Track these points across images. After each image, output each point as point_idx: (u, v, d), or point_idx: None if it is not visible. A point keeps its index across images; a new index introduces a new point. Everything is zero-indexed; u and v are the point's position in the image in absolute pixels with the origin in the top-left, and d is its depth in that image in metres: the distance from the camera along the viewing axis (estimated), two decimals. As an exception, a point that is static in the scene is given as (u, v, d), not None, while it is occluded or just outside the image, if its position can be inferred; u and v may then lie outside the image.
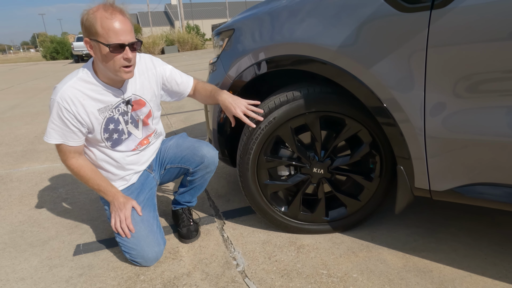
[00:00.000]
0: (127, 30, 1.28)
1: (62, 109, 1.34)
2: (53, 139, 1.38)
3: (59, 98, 1.33)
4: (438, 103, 1.13)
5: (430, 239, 1.54)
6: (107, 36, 1.25)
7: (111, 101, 1.43)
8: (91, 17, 1.25)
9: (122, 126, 1.48)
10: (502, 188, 1.14)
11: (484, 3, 0.99)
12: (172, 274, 1.42)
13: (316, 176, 1.53)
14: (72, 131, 1.38)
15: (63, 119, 1.35)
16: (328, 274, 1.36)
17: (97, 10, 1.25)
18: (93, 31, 1.26)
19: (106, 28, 1.24)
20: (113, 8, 1.27)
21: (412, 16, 1.09)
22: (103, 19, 1.24)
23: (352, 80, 1.26)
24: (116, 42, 1.26)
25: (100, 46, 1.27)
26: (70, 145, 1.41)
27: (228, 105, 1.47)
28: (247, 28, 1.55)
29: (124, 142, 1.52)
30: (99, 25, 1.24)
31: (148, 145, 1.59)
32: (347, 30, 1.23)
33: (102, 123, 1.43)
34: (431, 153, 1.20)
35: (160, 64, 1.58)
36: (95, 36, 1.27)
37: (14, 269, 1.51)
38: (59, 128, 1.37)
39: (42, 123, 4.46)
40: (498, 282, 1.26)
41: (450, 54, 1.06)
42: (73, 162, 1.45)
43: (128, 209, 1.49)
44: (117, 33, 1.25)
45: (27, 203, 2.17)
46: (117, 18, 1.26)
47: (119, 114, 1.46)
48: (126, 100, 1.46)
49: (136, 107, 1.50)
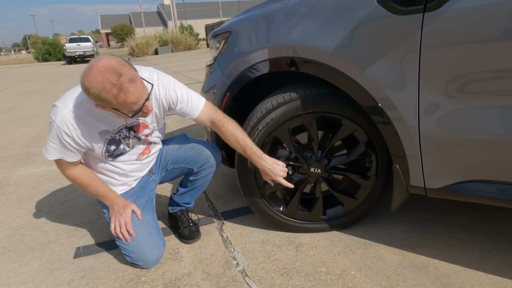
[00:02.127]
0: (139, 96, 1.22)
1: (62, 132, 1.31)
2: (51, 156, 1.38)
3: (59, 121, 1.30)
4: (431, 103, 1.16)
5: (425, 236, 1.57)
6: (125, 108, 1.23)
7: (112, 125, 1.40)
8: (104, 96, 1.17)
9: (123, 146, 1.48)
10: (494, 185, 1.17)
11: (474, 6, 1.02)
12: (173, 275, 1.44)
13: (313, 176, 1.56)
14: (71, 150, 1.38)
15: (62, 141, 1.34)
16: (327, 271, 1.39)
17: (111, 90, 1.16)
18: (108, 105, 1.22)
19: (122, 102, 1.19)
20: (125, 87, 1.17)
21: (406, 19, 1.12)
22: (118, 97, 1.17)
23: (348, 81, 1.28)
24: (135, 109, 1.24)
25: (117, 111, 1.26)
26: (68, 160, 1.41)
27: (268, 173, 1.45)
28: (244, 31, 1.57)
29: (126, 154, 1.52)
30: (115, 102, 1.19)
31: (149, 154, 1.60)
32: (342, 32, 1.25)
33: (104, 144, 1.42)
34: (426, 152, 1.23)
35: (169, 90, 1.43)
36: (111, 106, 1.22)
37: (15, 273, 1.52)
38: (58, 147, 1.36)
39: (37, 126, 4.44)
40: (492, 276, 1.30)
41: (443, 55, 1.09)
42: (70, 172, 1.45)
43: (128, 214, 1.50)
44: (134, 104, 1.22)
45: (25, 207, 2.17)
46: (130, 92, 1.18)
47: (121, 138, 1.45)
48: (129, 127, 1.45)
49: (138, 130, 1.48)
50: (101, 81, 1.15)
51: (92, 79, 1.15)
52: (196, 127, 3.86)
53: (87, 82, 1.16)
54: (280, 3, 1.45)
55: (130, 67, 1.21)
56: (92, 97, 1.20)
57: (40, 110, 5.59)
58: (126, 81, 1.17)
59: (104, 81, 1.15)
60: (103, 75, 1.14)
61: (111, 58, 1.19)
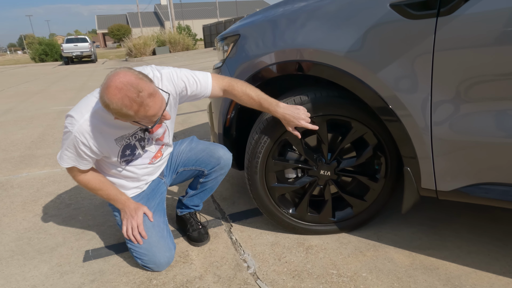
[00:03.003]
0: (159, 108, 1.23)
1: (79, 142, 1.32)
2: (66, 164, 1.39)
3: (76, 132, 1.30)
4: (444, 105, 1.17)
5: (434, 237, 1.59)
6: (145, 121, 1.25)
7: (128, 130, 1.41)
8: (124, 112, 1.18)
9: (138, 150, 1.48)
10: (505, 187, 1.18)
11: (488, 11, 1.03)
12: (184, 278, 1.44)
13: (323, 178, 1.57)
14: (86, 159, 1.38)
15: (78, 151, 1.34)
16: (338, 274, 1.40)
17: (132, 107, 1.17)
18: (129, 119, 1.24)
19: (143, 116, 1.22)
20: (146, 102, 1.18)
21: (419, 23, 1.13)
22: (139, 113, 1.19)
23: (360, 83, 1.29)
24: (154, 121, 1.26)
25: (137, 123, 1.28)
26: (82, 168, 1.41)
27: (290, 119, 1.40)
28: (253, 34, 1.58)
29: (139, 158, 1.52)
30: (136, 116, 1.21)
31: (161, 157, 1.60)
32: (354, 36, 1.26)
33: (119, 151, 1.42)
34: (438, 154, 1.24)
35: (176, 81, 1.43)
36: (132, 120, 1.24)
37: (24, 277, 1.51)
38: (73, 156, 1.36)
39: (37, 127, 4.42)
40: (502, 277, 1.31)
41: (456, 59, 1.10)
42: (81, 177, 1.45)
43: (140, 216, 1.50)
44: (154, 116, 1.24)
45: (31, 210, 2.16)
46: (150, 107, 1.20)
47: (136, 140, 1.46)
48: (144, 128, 1.45)
49: (153, 129, 1.47)
50: (120, 98, 1.15)
51: (111, 96, 1.15)
52: (197, 128, 3.86)
53: (107, 99, 1.17)
54: (292, 5, 1.45)
55: (147, 80, 1.21)
56: (112, 112, 1.21)
57: (40, 111, 5.57)
58: (146, 97, 1.17)
59: (123, 98, 1.15)
60: (122, 92, 1.15)
61: (128, 72, 1.18)
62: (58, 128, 4.33)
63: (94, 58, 22.70)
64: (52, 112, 5.42)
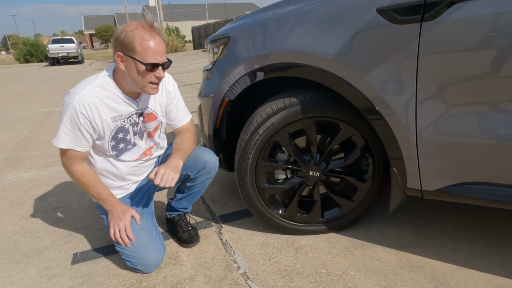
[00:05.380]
0: (163, 51, 1.33)
1: (78, 113, 1.34)
2: (63, 143, 1.38)
3: (76, 103, 1.33)
4: (428, 108, 1.21)
5: (420, 236, 1.62)
6: (145, 55, 1.29)
7: (125, 110, 1.44)
8: (130, 35, 1.27)
9: (130, 136, 1.50)
10: (486, 186, 1.22)
11: (467, 17, 1.07)
12: (174, 279, 1.44)
13: (312, 179, 1.59)
14: (84, 136, 1.39)
15: (77, 124, 1.36)
16: (327, 273, 1.42)
17: (136, 29, 1.28)
18: (130, 48, 1.29)
19: (145, 48, 1.28)
20: (152, 29, 1.30)
21: (404, 28, 1.16)
22: (143, 40, 1.28)
23: (347, 85, 1.32)
24: (152, 61, 1.30)
25: (135, 63, 1.30)
26: (79, 150, 1.41)
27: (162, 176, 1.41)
28: (243, 37, 1.59)
29: (129, 152, 1.53)
30: (138, 44, 1.28)
31: (150, 156, 1.61)
32: (341, 39, 1.29)
33: (112, 131, 1.44)
34: (423, 154, 1.27)
35: (175, 87, 1.61)
36: (131, 53, 1.29)
37: (11, 281, 1.49)
38: (70, 133, 1.37)
39: (23, 129, 4.34)
40: (485, 274, 1.36)
41: (439, 62, 1.14)
42: (77, 167, 1.45)
43: (128, 219, 1.49)
44: (154, 54, 1.30)
45: (17, 213, 2.12)
46: (156, 39, 1.30)
47: (130, 124, 1.48)
48: (139, 112, 1.49)
49: (147, 119, 1.53)
50: (136, 23, 1.30)
51: (128, 24, 1.30)
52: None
53: (121, 29, 1.30)
54: (282, 9, 1.48)
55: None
56: (118, 43, 1.30)
57: (25, 113, 5.47)
58: (156, 33, 1.32)
59: (138, 23, 1.30)
60: (139, 22, 1.31)
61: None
62: (45, 130, 4.27)
63: (81, 59, 22.40)
64: (38, 114, 5.33)
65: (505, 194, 1.19)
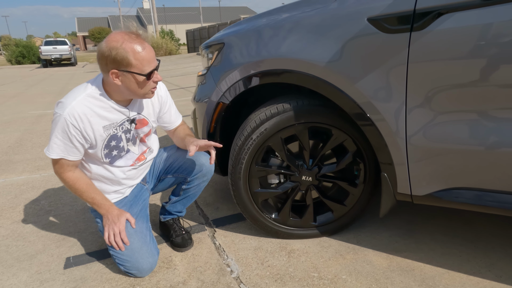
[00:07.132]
0: (154, 55, 1.34)
1: (69, 125, 1.34)
2: (54, 154, 1.39)
3: (67, 114, 1.33)
4: (418, 114, 1.24)
5: (410, 240, 1.65)
6: (142, 66, 1.29)
7: (116, 118, 1.44)
8: (121, 51, 1.26)
9: (123, 143, 1.50)
10: (474, 191, 1.26)
11: (455, 28, 1.11)
12: (167, 283, 1.45)
13: (304, 184, 1.61)
14: (75, 146, 1.39)
15: (68, 135, 1.36)
16: (319, 276, 1.44)
17: (124, 42, 1.26)
18: (125, 63, 1.28)
19: (141, 59, 1.28)
20: (139, 37, 1.30)
21: (394, 37, 1.19)
22: (135, 52, 1.27)
23: (338, 91, 1.35)
24: (149, 70, 1.32)
25: (134, 76, 1.30)
26: (70, 159, 1.41)
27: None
28: (238, 43, 1.62)
29: (123, 158, 1.54)
30: (132, 58, 1.27)
31: (145, 161, 1.62)
32: (334, 47, 1.32)
33: (105, 140, 1.44)
34: (412, 160, 1.30)
35: (166, 91, 1.65)
36: (128, 68, 1.29)
37: (2, 285, 1.48)
38: (62, 143, 1.37)
39: (14, 132, 4.30)
40: (473, 277, 1.39)
41: (428, 70, 1.18)
42: (69, 175, 1.45)
43: (122, 223, 1.50)
44: (149, 62, 1.31)
45: (8, 217, 2.11)
46: (145, 46, 1.30)
47: (122, 132, 1.48)
48: (131, 119, 1.49)
49: (139, 125, 1.53)
50: (121, 36, 1.27)
51: (111, 38, 1.27)
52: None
53: (106, 46, 1.26)
54: (276, 16, 1.50)
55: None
56: (109, 61, 1.27)
57: (17, 115, 5.42)
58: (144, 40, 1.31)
59: (123, 35, 1.27)
60: (122, 33, 1.28)
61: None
62: (36, 133, 4.23)
63: (74, 61, 22.25)
64: (30, 117, 5.29)
65: (493, 200, 1.23)
